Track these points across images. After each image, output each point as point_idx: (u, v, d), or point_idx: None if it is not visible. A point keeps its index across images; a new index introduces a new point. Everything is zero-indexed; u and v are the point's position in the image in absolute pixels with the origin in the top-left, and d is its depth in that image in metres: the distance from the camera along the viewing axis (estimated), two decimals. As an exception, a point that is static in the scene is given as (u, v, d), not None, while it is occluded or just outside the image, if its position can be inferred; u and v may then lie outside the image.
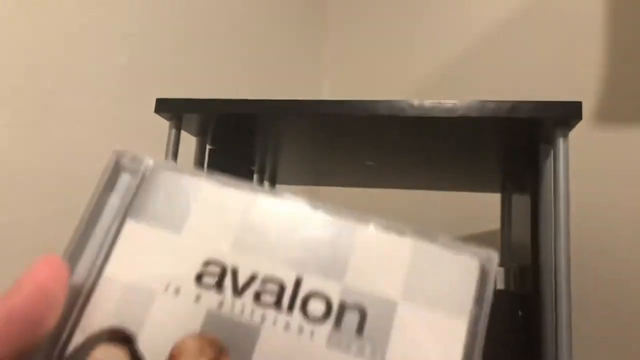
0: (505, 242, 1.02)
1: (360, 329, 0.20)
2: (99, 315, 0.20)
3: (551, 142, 0.63)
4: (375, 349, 0.19)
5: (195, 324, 0.20)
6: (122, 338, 0.20)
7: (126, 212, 0.21)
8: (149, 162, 0.22)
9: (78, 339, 0.20)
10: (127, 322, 0.20)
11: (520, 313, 0.68)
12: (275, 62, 1.12)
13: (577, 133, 0.62)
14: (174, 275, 0.20)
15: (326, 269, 0.20)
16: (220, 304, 0.20)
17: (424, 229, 0.21)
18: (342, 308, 0.20)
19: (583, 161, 0.79)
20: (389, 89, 1.11)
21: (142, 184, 0.22)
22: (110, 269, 0.21)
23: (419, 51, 1.12)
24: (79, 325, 0.20)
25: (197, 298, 0.20)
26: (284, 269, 0.20)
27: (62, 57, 0.71)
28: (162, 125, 0.74)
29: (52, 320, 0.19)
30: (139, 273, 0.20)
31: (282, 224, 0.21)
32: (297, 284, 0.20)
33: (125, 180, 0.22)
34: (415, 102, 0.65)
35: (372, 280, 0.20)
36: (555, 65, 0.90)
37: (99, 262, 0.21)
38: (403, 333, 0.19)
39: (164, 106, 0.72)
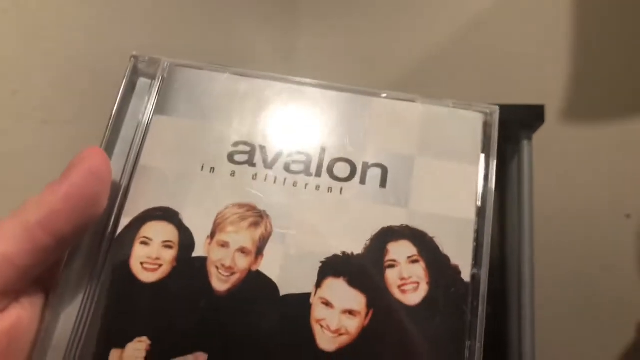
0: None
1: (383, 182, 0.22)
2: (142, 199, 0.21)
3: (516, 144, 0.66)
4: (398, 196, 0.21)
5: (233, 195, 0.21)
6: (167, 215, 0.21)
7: (152, 111, 0.23)
8: (166, 62, 0.24)
9: (125, 221, 0.21)
10: (169, 202, 0.21)
11: (489, 310, 0.71)
12: (244, 62, 1.12)
13: (546, 131, 0.66)
14: (207, 157, 0.22)
15: (346, 138, 0.22)
16: (255, 176, 0.22)
17: (432, 97, 0.23)
18: (365, 167, 0.22)
19: (552, 159, 0.84)
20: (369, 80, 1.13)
21: (164, 84, 0.23)
22: (145, 159, 0.22)
23: (389, 54, 1.15)
24: (124, 209, 0.21)
25: (232, 173, 0.22)
26: (309, 141, 0.22)
27: (24, 56, 0.70)
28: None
29: (104, 201, 0.20)
30: (173, 159, 0.22)
31: (301, 104, 0.23)
32: (322, 152, 0.22)
33: (143, 83, 0.23)
34: None
35: (389, 141, 0.22)
36: (524, 64, 0.95)
37: (132, 155, 0.22)
38: (422, 181, 0.22)
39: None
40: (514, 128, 0.67)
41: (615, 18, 0.88)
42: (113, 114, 0.22)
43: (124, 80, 0.23)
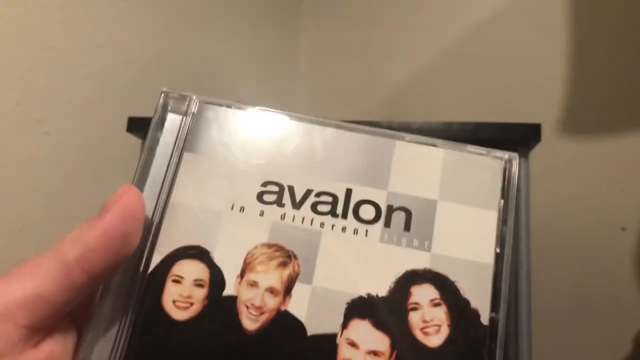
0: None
1: (407, 226, 0.23)
2: (174, 236, 0.22)
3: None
4: (422, 240, 0.22)
5: (262, 235, 0.22)
6: (199, 253, 0.22)
7: (182, 148, 0.23)
8: (196, 99, 0.24)
9: (156, 259, 0.22)
10: (200, 241, 0.22)
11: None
12: (248, 70, 1.12)
13: (543, 146, 0.67)
14: (237, 196, 0.23)
15: (371, 180, 0.23)
16: (283, 216, 0.22)
17: (453, 142, 0.24)
18: (390, 210, 0.23)
19: (549, 173, 0.87)
20: (367, 101, 1.14)
21: (193, 121, 0.24)
22: (176, 197, 0.23)
23: (393, 69, 1.15)
24: (156, 247, 0.22)
25: (261, 213, 0.22)
26: (335, 183, 0.23)
27: (29, 68, 0.69)
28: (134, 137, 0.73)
29: (137, 239, 0.20)
30: (204, 197, 0.23)
31: (328, 145, 0.24)
32: (348, 194, 0.23)
33: (173, 119, 0.24)
34: (382, 123, 0.67)
35: (412, 185, 0.23)
36: (521, 82, 0.97)
37: (164, 192, 0.23)
38: (444, 225, 0.23)
39: (135, 125, 0.68)
40: (510, 146, 0.69)
41: (610, 38, 0.89)
42: (145, 150, 0.23)
43: (155, 116, 0.24)
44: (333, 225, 0.22)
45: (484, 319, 0.21)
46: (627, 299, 0.80)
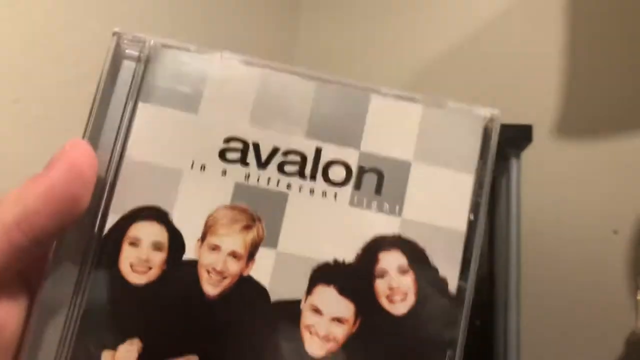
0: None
1: (378, 188, 0.21)
2: (129, 196, 0.21)
3: (505, 162, 0.65)
4: (393, 204, 0.21)
5: (225, 196, 0.21)
6: (156, 215, 0.21)
7: (137, 96, 0.21)
8: (152, 42, 0.22)
9: (112, 219, 0.20)
10: (158, 201, 0.21)
11: (477, 322, 0.73)
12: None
13: (536, 149, 0.65)
14: (197, 153, 0.21)
15: (343, 138, 0.22)
16: (247, 176, 0.21)
17: (434, 96, 0.22)
18: (361, 172, 0.21)
19: (541, 176, 0.84)
20: None
21: (149, 65, 0.21)
22: (131, 152, 0.21)
23: (390, 61, 1.09)
24: (111, 206, 0.20)
25: (224, 172, 0.21)
26: (304, 140, 0.21)
27: (26, 64, 0.65)
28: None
29: (87, 198, 0.19)
30: (162, 153, 0.21)
31: (296, 97, 0.22)
32: (317, 153, 0.21)
33: (127, 65, 0.21)
34: None
35: (386, 144, 0.22)
36: (515, 84, 0.92)
37: (118, 146, 0.21)
38: (417, 189, 0.21)
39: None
40: (503, 147, 0.67)
41: (604, 42, 0.85)
42: (96, 100, 0.21)
43: (106, 62, 0.21)
44: (300, 187, 0.21)
45: (452, 288, 0.21)
46: (619, 302, 0.82)
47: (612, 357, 0.83)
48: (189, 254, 0.20)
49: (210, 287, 0.20)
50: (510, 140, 0.65)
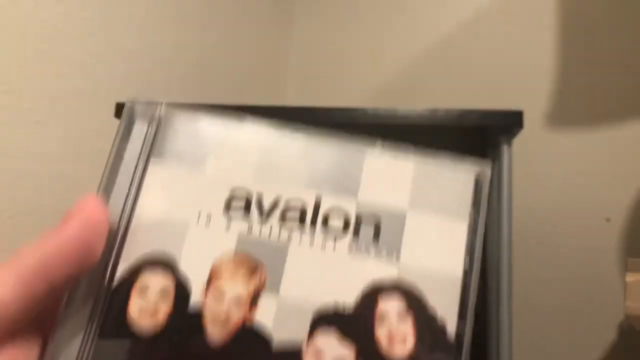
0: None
1: (376, 236, 0.22)
2: (139, 246, 0.22)
3: (496, 148, 0.66)
4: (390, 250, 0.22)
5: (229, 247, 0.22)
6: (164, 263, 0.22)
7: (149, 155, 0.23)
8: (162, 107, 0.24)
9: (122, 269, 0.21)
10: (166, 251, 0.22)
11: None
12: (237, 65, 1.10)
13: (528, 136, 0.66)
14: (203, 206, 0.22)
15: (341, 189, 0.23)
16: (250, 228, 0.22)
17: (425, 149, 0.24)
18: (359, 220, 0.23)
19: (533, 164, 0.86)
20: (357, 91, 1.13)
21: (160, 127, 0.23)
22: (142, 206, 0.22)
23: (385, 57, 1.15)
24: (121, 257, 0.22)
25: (228, 224, 0.22)
26: (304, 190, 0.23)
27: (17, 57, 0.68)
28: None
29: (99, 250, 0.20)
30: (170, 207, 0.22)
31: (297, 153, 0.23)
32: (317, 202, 0.23)
33: (140, 128, 0.23)
34: (369, 109, 0.66)
35: (382, 195, 0.23)
36: (507, 71, 0.96)
37: (130, 201, 0.22)
38: (413, 236, 0.22)
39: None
40: (494, 133, 0.68)
41: (597, 29, 0.89)
42: (110, 159, 0.23)
43: (120, 126, 0.23)
44: (301, 236, 0.22)
45: (451, 331, 0.21)
46: (611, 289, 0.81)
47: (604, 341, 0.80)
48: (194, 301, 0.21)
49: (215, 333, 0.21)
50: (500, 127, 0.64)
